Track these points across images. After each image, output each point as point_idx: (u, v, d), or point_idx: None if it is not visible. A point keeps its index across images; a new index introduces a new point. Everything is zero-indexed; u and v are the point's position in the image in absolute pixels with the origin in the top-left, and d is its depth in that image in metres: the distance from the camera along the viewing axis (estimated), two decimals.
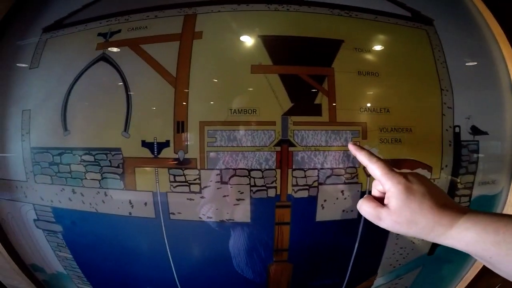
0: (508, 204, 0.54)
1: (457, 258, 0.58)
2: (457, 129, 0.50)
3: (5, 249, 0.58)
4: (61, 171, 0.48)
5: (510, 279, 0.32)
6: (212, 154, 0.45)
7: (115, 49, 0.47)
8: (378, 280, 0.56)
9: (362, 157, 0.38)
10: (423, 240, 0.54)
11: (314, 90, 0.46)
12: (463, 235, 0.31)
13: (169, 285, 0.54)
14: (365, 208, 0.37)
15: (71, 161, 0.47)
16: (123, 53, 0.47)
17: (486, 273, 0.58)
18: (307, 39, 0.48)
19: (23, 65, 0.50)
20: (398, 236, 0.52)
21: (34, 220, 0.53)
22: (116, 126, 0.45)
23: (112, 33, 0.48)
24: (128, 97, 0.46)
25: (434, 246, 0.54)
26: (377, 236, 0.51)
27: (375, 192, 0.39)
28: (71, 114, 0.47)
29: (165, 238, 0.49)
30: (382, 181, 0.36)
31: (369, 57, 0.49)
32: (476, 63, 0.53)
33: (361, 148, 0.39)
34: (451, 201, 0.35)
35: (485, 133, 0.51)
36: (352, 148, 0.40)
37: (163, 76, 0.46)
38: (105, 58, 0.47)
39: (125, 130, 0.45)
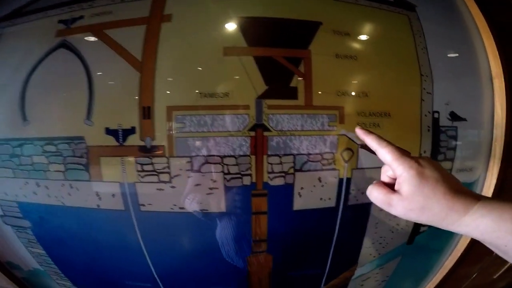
0: (484, 193, 0.50)
1: (436, 247, 0.54)
2: (436, 115, 0.45)
3: None
4: (23, 164, 0.42)
5: None
6: (181, 141, 0.39)
7: (76, 36, 0.41)
8: (359, 270, 0.51)
9: (371, 142, 0.34)
10: (402, 229, 0.50)
11: (290, 73, 0.40)
12: (479, 223, 0.28)
13: (147, 278, 0.48)
14: (376, 195, 0.33)
15: (32, 152, 0.41)
16: (85, 39, 0.41)
17: (464, 261, 0.54)
18: (284, 20, 0.42)
19: None
20: (377, 225, 0.47)
21: (1, 216, 0.47)
22: (78, 113, 0.39)
23: (73, 19, 0.42)
24: (90, 84, 0.39)
25: (413, 235, 0.50)
26: (356, 225, 0.46)
27: (384, 178, 0.35)
28: (30, 103, 0.41)
29: (137, 231, 0.43)
30: (393, 166, 0.32)
31: (348, 40, 0.43)
32: (457, 50, 0.48)
33: (369, 132, 0.35)
34: (465, 188, 0.31)
35: (464, 119, 0.46)
36: (359, 133, 0.36)
37: (128, 61, 0.39)
38: (66, 45, 0.41)
39: (87, 117, 0.39)
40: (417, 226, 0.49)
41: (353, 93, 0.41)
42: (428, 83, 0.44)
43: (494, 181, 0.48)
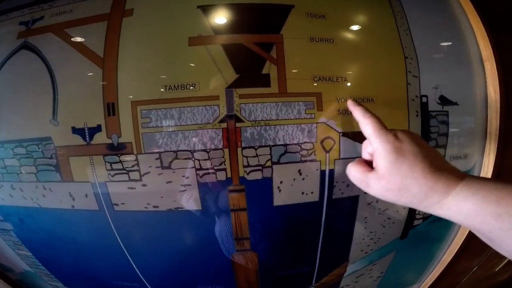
0: None
1: (432, 240, 0.47)
2: (424, 99, 0.38)
3: None
4: None
5: (510, 258, 0.24)
6: (148, 136, 0.34)
7: (37, 36, 0.37)
8: (351, 267, 0.45)
9: (357, 113, 0.31)
10: (394, 223, 0.43)
11: (261, 60, 0.35)
12: (462, 206, 0.23)
13: (133, 278, 0.44)
14: (353, 173, 0.29)
15: (3, 155, 0.37)
16: (46, 39, 0.37)
17: (462, 254, 0.47)
18: (252, 6, 0.37)
19: None
20: (366, 219, 0.41)
21: None
22: (44, 114, 0.35)
23: (34, 20, 0.38)
24: (53, 83, 0.35)
25: (407, 229, 0.43)
26: (343, 220, 0.40)
27: (365, 155, 0.31)
28: None
29: (114, 231, 0.39)
30: (371, 139, 0.28)
31: (323, 23, 0.37)
32: (442, 33, 0.41)
33: (358, 104, 0.32)
34: (448, 164, 0.26)
35: (455, 103, 0.39)
36: (350, 104, 0.33)
37: (89, 58, 0.35)
38: (27, 46, 0.37)
39: (53, 117, 0.35)
40: (410, 220, 0.42)
41: (330, 78, 0.35)
42: (413, 66, 0.38)
43: (491, 168, 0.41)
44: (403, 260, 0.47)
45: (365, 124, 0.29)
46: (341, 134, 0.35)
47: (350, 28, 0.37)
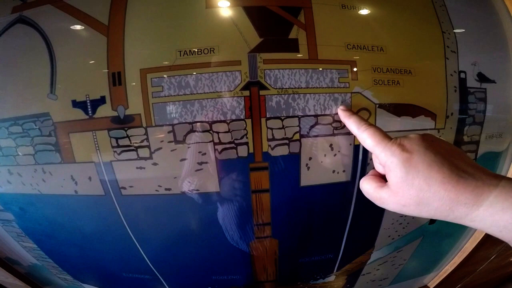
0: None
1: (457, 228, 0.37)
2: (462, 75, 0.29)
3: None
4: None
5: None
6: (159, 107, 0.25)
7: (34, 9, 0.28)
8: (376, 254, 0.35)
9: (351, 125, 0.24)
10: None
11: (288, 24, 0.26)
12: (498, 218, 0.16)
13: (143, 269, 0.34)
14: (366, 190, 0.22)
15: None
16: (43, 11, 0.27)
17: (484, 244, 0.37)
18: None
19: None
20: None
21: None
22: (41, 88, 0.26)
23: None
24: (51, 55, 0.26)
25: None
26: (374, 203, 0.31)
27: (377, 166, 0.22)
28: None
29: (122, 218, 0.29)
30: (376, 153, 0.21)
31: None
32: (478, 9, 0.32)
33: (352, 113, 0.24)
34: (473, 166, 0.18)
35: (493, 81, 0.31)
36: (341, 113, 0.25)
37: (92, 27, 0.26)
38: (23, 20, 0.28)
39: (51, 91, 0.26)
40: None
41: (365, 47, 0.26)
42: (451, 41, 0.29)
43: None
44: (427, 247, 0.37)
45: (364, 137, 0.22)
46: (377, 105, 0.26)
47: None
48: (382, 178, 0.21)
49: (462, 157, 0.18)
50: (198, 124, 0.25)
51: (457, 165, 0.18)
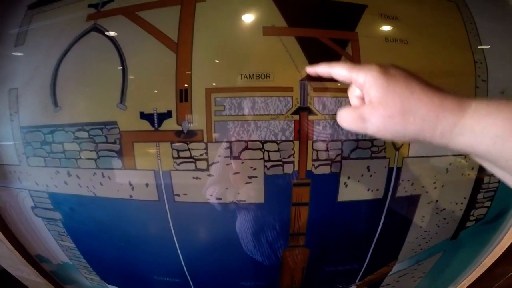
0: None
1: (477, 244, 0.43)
2: None
3: (8, 240, 0.43)
4: (54, 151, 0.34)
5: None
6: (220, 125, 0.30)
7: (108, 19, 0.33)
8: (398, 266, 0.41)
9: (322, 70, 0.26)
10: (448, 223, 0.39)
11: (336, 55, 0.32)
12: (487, 124, 0.17)
13: (177, 273, 0.39)
14: (345, 115, 0.23)
15: (63, 139, 0.33)
16: (117, 22, 0.33)
17: (504, 260, 0.43)
18: (325, 1, 0.34)
19: (8, 44, 0.35)
20: (423, 218, 0.37)
21: (32, 207, 0.39)
22: (111, 98, 0.31)
23: (104, 3, 0.34)
24: (123, 67, 0.31)
25: (458, 230, 0.40)
26: (402, 218, 0.37)
27: (353, 100, 0.25)
28: (61, 89, 0.33)
29: (170, 223, 0.34)
30: (353, 76, 0.23)
31: (396, 24, 0.34)
32: (509, 39, 0.38)
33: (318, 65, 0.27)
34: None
35: None
36: (309, 71, 0.29)
37: (163, 42, 0.31)
38: (97, 29, 0.33)
39: (121, 101, 0.31)
40: (464, 220, 0.39)
41: None
42: (482, 70, 0.35)
43: None
44: (447, 261, 0.43)
45: (338, 70, 0.24)
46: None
47: (422, 31, 0.34)
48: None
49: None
50: (252, 142, 0.31)
51: (429, 82, 0.20)
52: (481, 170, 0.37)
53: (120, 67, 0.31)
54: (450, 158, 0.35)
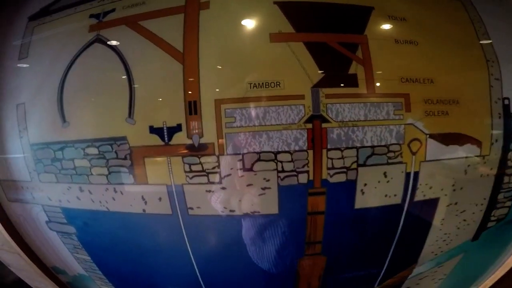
0: None
1: (499, 244, 0.43)
2: (506, 101, 0.35)
3: (24, 253, 0.45)
4: (65, 168, 0.35)
5: None
6: (231, 137, 0.31)
7: (111, 29, 0.34)
8: (418, 269, 0.42)
9: None
10: (468, 224, 0.39)
11: (347, 59, 0.32)
12: None
13: (191, 283, 0.40)
14: None
15: (74, 155, 0.34)
16: (120, 32, 0.33)
17: None
18: (331, 5, 0.34)
19: (11, 57, 0.36)
20: (443, 221, 0.37)
21: (46, 222, 0.40)
22: (119, 112, 0.32)
23: (105, 13, 0.34)
24: (129, 79, 0.32)
25: (480, 231, 0.40)
26: (421, 221, 0.37)
27: None
28: (68, 104, 0.34)
29: (185, 236, 0.35)
30: None
31: (405, 25, 0.34)
32: None
33: None
34: None
35: None
36: None
37: (168, 52, 0.32)
38: (100, 40, 0.33)
39: (129, 116, 0.32)
40: (485, 221, 0.39)
41: (417, 80, 0.32)
42: (495, 68, 0.34)
43: None
44: (469, 262, 0.43)
45: None
46: (428, 136, 0.32)
47: (431, 31, 0.34)
48: None
49: None
50: (264, 153, 0.31)
51: None
52: (500, 169, 0.37)
53: (127, 81, 0.32)
54: (468, 160, 0.35)
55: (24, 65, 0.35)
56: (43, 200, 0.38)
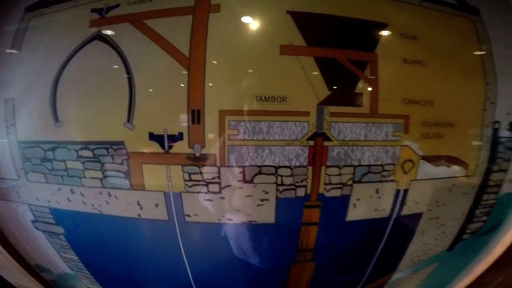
0: None
1: (471, 254, 0.47)
2: (496, 125, 0.37)
3: (5, 250, 0.44)
4: (56, 169, 0.33)
5: None
6: (234, 149, 0.31)
7: (113, 26, 0.32)
8: (396, 275, 0.45)
9: None
10: (446, 236, 0.43)
11: (355, 78, 0.32)
12: None
13: (184, 285, 0.41)
14: None
15: (66, 157, 0.33)
16: (123, 30, 0.32)
17: (496, 267, 0.48)
18: (345, 19, 0.34)
19: (3, 49, 0.34)
20: (424, 233, 0.40)
21: (32, 221, 0.39)
22: (117, 116, 0.31)
23: (108, 8, 0.32)
24: (130, 82, 0.31)
25: (455, 242, 0.44)
26: (404, 233, 0.40)
27: None
28: (62, 103, 0.32)
29: (180, 242, 0.36)
30: None
31: (415, 44, 0.34)
32: None
33: None
34: None
35: None
36: None
37: (174, 56, 0.31)
38: (101, 37, 0.32)
39: (128, 120, 0.31)
40: (460, 233, 0.42)
41: (419, 101, 0.33)
42: (492, 91, 0.36)
43: None
44: (442, 270, 0.47)
45: None
46: (421, 157, 0.34)
47: (438, 51, 0.35)
48: None
49: None
50: (266, 167, 0.32)
51: None
52: (481, 188, 0.40)
53: (127, 83, 0.31)
54: (454, 179, 0.38)
55: (16, 59, 0.33)
56: (30, 199, 0.37)
